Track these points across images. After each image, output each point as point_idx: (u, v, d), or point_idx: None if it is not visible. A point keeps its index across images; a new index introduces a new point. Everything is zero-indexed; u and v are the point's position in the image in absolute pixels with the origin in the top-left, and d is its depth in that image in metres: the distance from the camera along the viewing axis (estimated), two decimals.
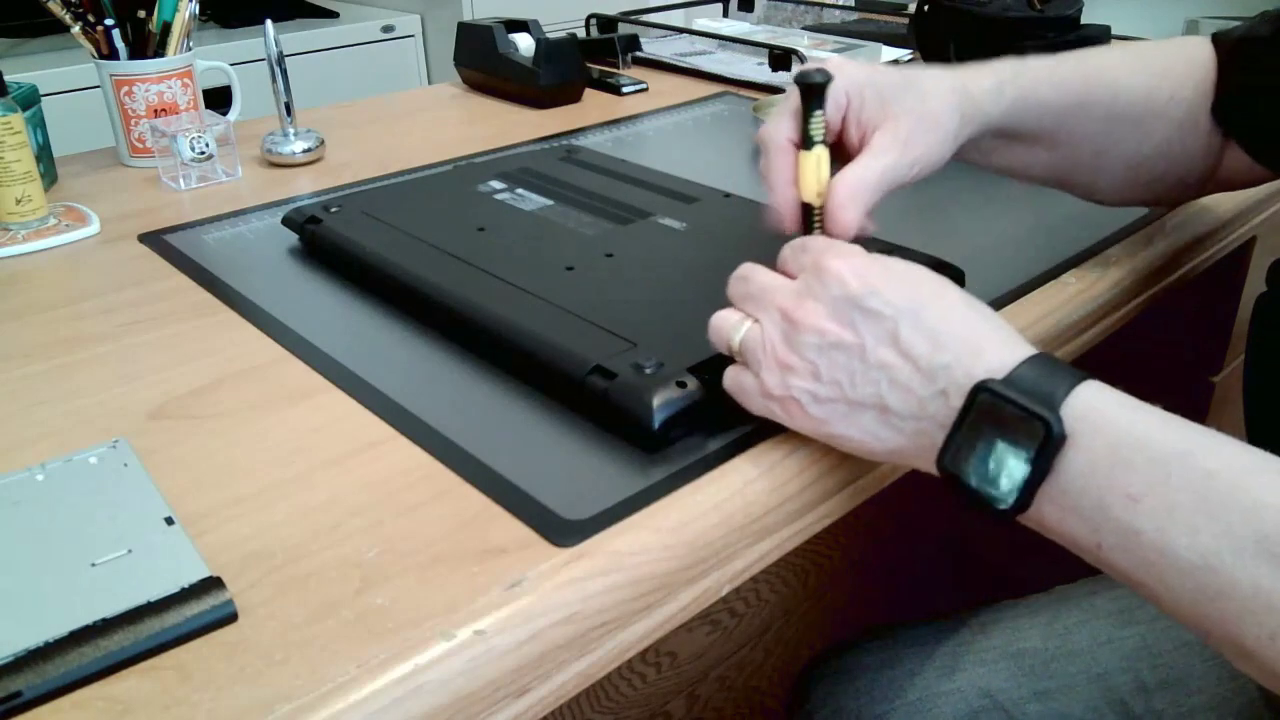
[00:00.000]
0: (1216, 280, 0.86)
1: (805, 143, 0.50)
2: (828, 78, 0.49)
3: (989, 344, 0.40)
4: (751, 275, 0.46)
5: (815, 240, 0.46)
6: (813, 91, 0.49)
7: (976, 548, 1.00)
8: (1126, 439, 0.36)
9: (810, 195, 0.50)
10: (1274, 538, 0.33)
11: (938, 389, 0.40)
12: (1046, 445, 0.37)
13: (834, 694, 0.67)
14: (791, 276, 0.45)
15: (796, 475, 0.46)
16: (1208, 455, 0.35)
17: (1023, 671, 0.63)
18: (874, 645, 0.68)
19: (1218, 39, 0.60)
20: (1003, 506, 0.38)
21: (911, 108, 0.51)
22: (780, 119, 0.51)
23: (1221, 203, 0.75)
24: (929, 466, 0.41)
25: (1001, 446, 0.38)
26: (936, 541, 0.96)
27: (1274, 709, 0.59)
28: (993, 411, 0.38)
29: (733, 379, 0.46)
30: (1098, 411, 0.37)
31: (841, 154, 0.52)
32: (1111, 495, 0.36)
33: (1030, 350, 0.40)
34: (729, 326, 0.45)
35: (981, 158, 0.59)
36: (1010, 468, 0.38)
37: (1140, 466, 0.36)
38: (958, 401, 0.39)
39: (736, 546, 0.44)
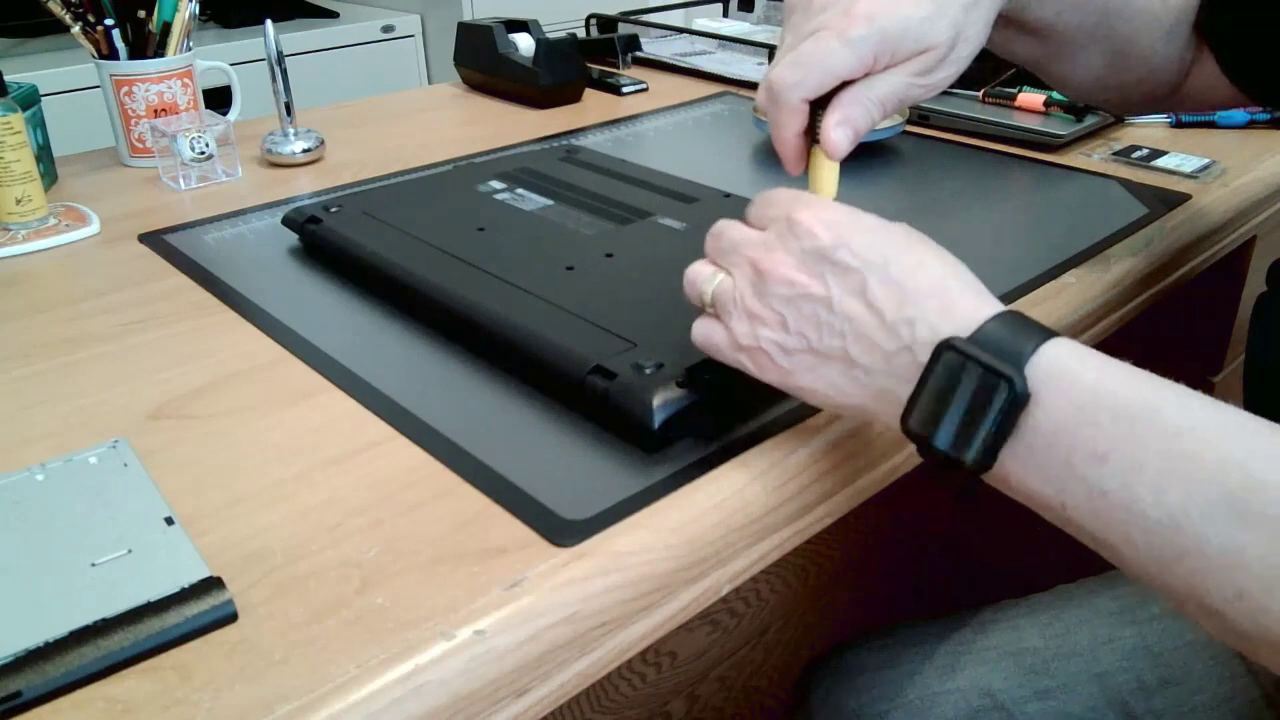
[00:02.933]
0: (1216, 280, 0.86)
1: (816, 138, 0.48)
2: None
3: (957, 300, 0.40)
4: (724, 230, 0.45)
5: (783, 192, 0.45)
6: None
7: (976, 548, 1.00)
8: (1092, 397, 0.36)
9: (826, 191, 0.49)
10: (1241, 495, 0.33)
11: (903, 344, 0.39)
12: (1011, 404, 0.36)
13: (834, 693, 0.67)
14: (762, 230, 0.45)
15: (796, 475, 0.46)
16: (1176, 412, 0.35)
17: (1023, 671, 0.63)
18: (874, 645, 0.68)
19: None
20: (967, 465, 0.38)
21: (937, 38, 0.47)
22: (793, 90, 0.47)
23: (1221, 203, 0.75)
24: (892, 423, 0.41)
25: (965, 405, 0.37)
26: (936, 541, 0.96)
27: (1275, 709, 0.59)
28: (957, 370, 0.38)
29: (703, 330, 0.45)
30: (1064, 369, 0.37)
31: None
32: (1077, 454, 0.36)
33: (999, 307, 0.39)
34: (702, 279, 0.45)
35: (1007, 46, 0.59)
36: (974, 427, 0.37)
37: (1106, 424, 0.35)
38: (923, 357, 0.39)
39: (736, 546, 0.44)
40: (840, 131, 0.47)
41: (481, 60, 1.09)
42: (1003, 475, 0.38)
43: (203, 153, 0.83)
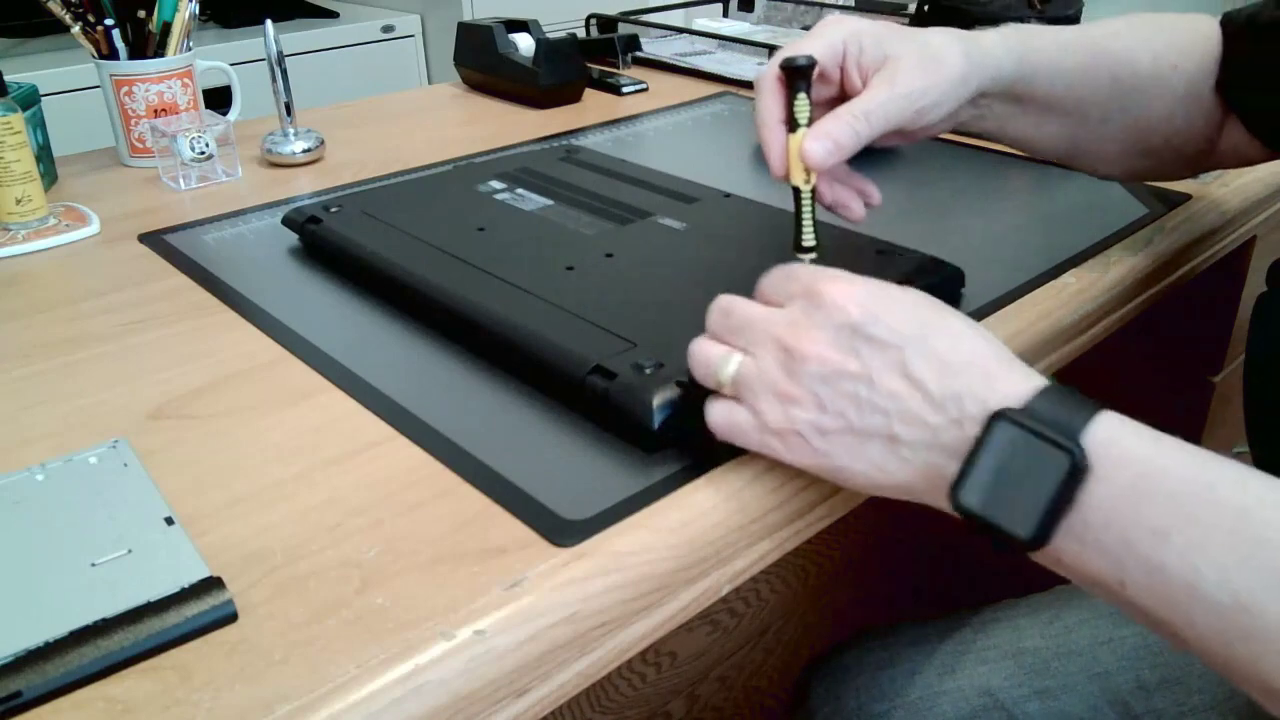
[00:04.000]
0: (1216, 280, 0.86)
1: (791, 125, 0.49)
2: (811, 61, 0.49)
3: (1000, 372, 0.39)
4: (734, 307, 0.43)
5: (803, 269, 0.44)
6: (796, 75, 0.49)
7: (977, 548, 1.00)
8: (1150, 470, 0.35)
9: (798, 178, 0.50)
10: None
11: (950, 418, 0.38)
12: (1070, 477, 0.35)
13: (835, 693, 0.67)
14: (779, 306, 0.43)
15: (797, 475, 0.46)
16: (1235, 489, 0.34)
17: (1023, 670, 0.63)
18: (874, 644, 0.68)
19: (1226, 19, 0.61)
20: (1022, 541, 0.36)
21: (911, 50, 0.51)
22: (769, 96, 0.50)
23: (1222, 203, 0.75)
24: (940, 501, 0.39)
25: (1021, 478, 0.36)
26: (936, 541, 0.96)
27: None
28: (1012, 441, 0.36)
29: (724, 415, 0.43)
30: (1118, 443, 0.36)
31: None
32: (1137, 530, 0.35)
33: (1043, 380, 0.38)
34: (717, 359, 0.43)
35: (996, 127, 0.59)
36: (1030, 500, 0.36)
37: (1165, 500, 0.35)
38: (973, 431, 0.37)
39: (736, 546, 0.44)
40: (816, 144, 0.48)
41: (481, 60, 1.09)
42: (1057, 553, 0.37)
43: (203, 153, 0.83)
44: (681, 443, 0.46)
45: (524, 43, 1.07)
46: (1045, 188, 0.79)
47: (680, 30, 1.34)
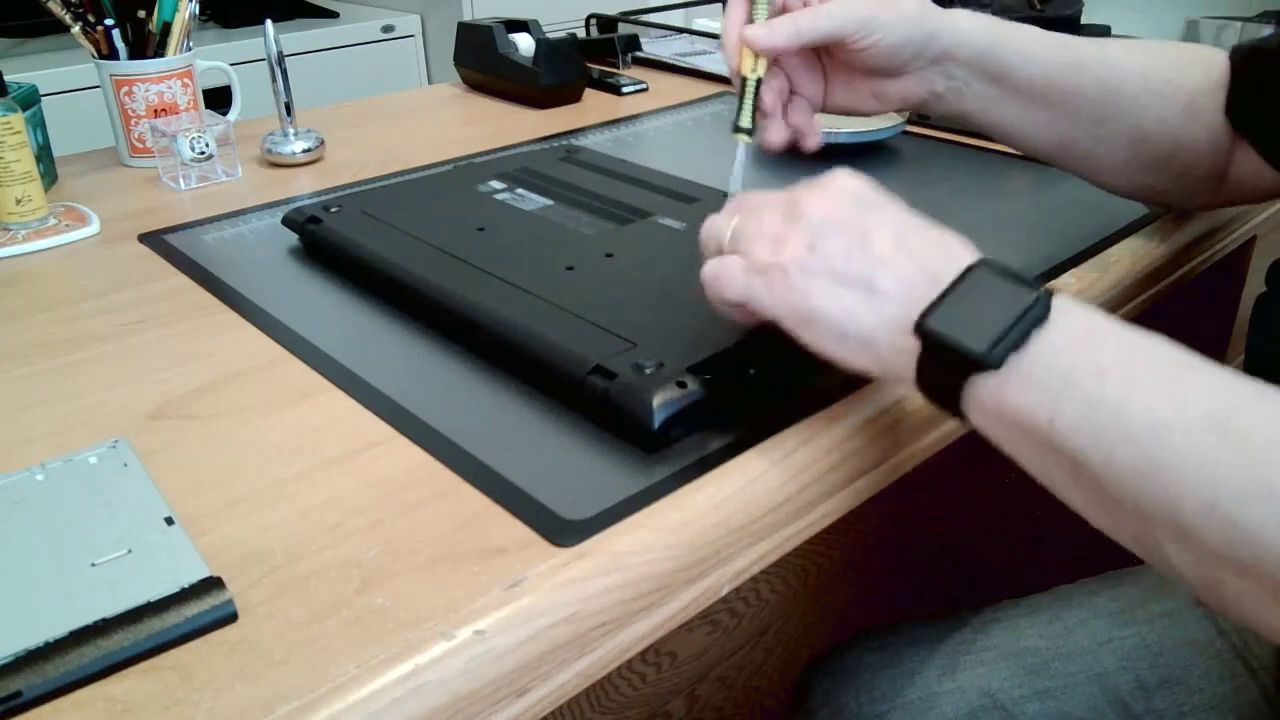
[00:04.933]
0: (1216, 280, 0.86)
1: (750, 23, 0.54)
2: None
3: (953, 244, 0.42)
4: (751, 194, 0.47)
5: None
6: None
7: (977, 548, 1.00)
8: (1103, 324, 0.39)
9: (746, 67, 0.55)
10: (1224, 414, 0.35)
11: (929, 276, 0.41)
12: (1030, 310, 0.38)
13: (834, 693, 0.67)
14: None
15: (796, 475, 0.46)
16: (1173, 349, 0.38)
17: (1023, 671, 0.63)
18: (874, 644, 0.68)
19: (1233, 50, 0.61)
20: (975, 355, 0.38)
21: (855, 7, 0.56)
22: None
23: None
24: (893, 360, 0.41)
25: (987, 308, 0.39)
26: (936, 541, 0.96)
27: (1274, 708, 0.59)
28: (983, 280, 0.40)
29: (714, 266, 0.46)
30: (1076, 304, 0.39)
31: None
32: (1080, 368, 0.37)
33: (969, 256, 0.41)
34: (721, 223, 0.46)
35: (979, 108, 0.61)
36: (990, 322, 0.38)
37: (1111, 346, 0.38)
38: (947, 280, 0.40)
39: (736, 546, 0.44)
40: (758, 29, 0.55)
41: (481, 60, 1.09)
42: (999, 385, 0.39)
43: (203, 153, 0.83)
44: (686, 440, 0.46)
45: (524, 43, 1.07)
46: (1045, 188, 0.79)
47: (680, 30, 1.34)
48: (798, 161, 0.86)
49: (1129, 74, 0.60)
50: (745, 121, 0.58)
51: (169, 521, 0.42)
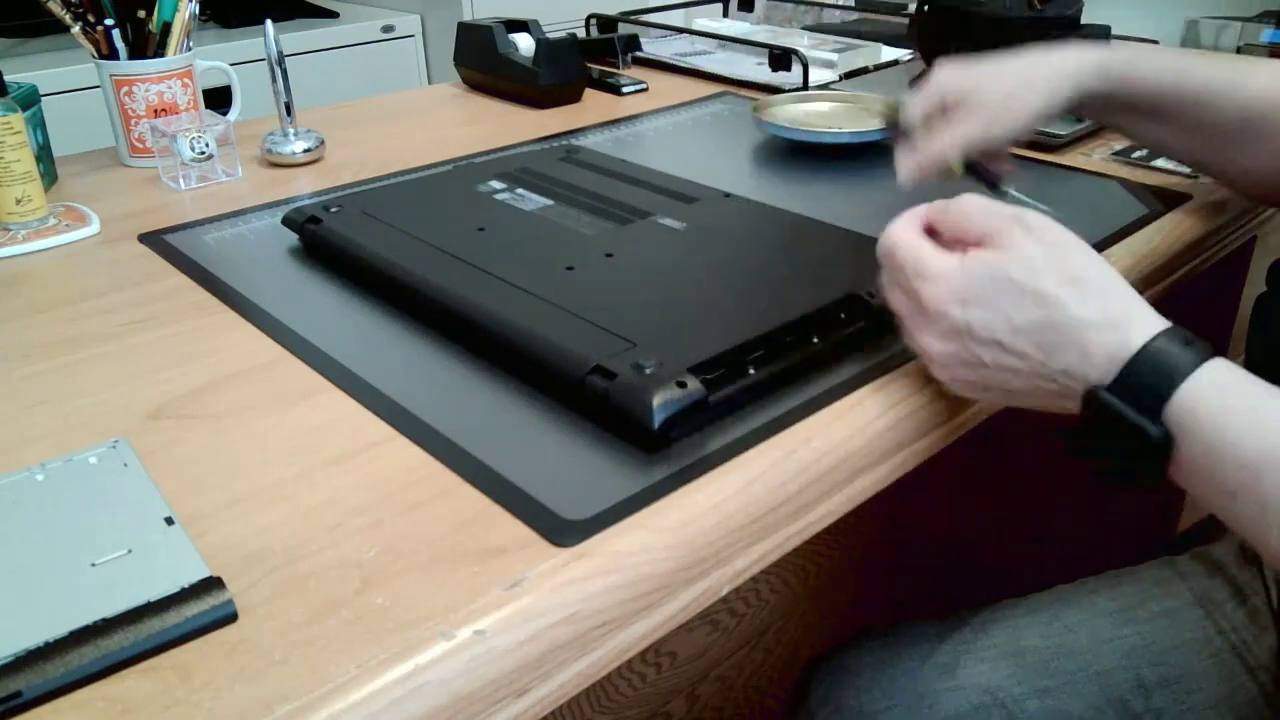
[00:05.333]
0: (1216, 280, 0.86)
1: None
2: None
3: (1094, 340, 0.44)
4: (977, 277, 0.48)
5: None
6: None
7: (976, 548, 1.00)
8: (1218, 443, 0.41)
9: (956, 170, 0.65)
10: None
11: (1059, 386, 0.45)
12: (1149, 447, 0.42)
13: (835, 691, 0.67)
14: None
15: (796, 475, 0.46)
16: None
17: (1023, 669, 0.63)
18: (875, 643, 0.68)
19: None
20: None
21: (992, 97, 0.64)
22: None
23: (1222, 203, 0.75)
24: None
25: (1114, 442, 0.43)
26: (936, 541, 0.96)
27: (1274, 707, 0.59)
28: (1103, 415, 0.44)
29: (939, 353, 0.49)
30: (1194, 413, 0.42)
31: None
32: (1210, 491, 0.42)
33: (1142, 336, 0.43)
34: (953, 294, 0.48)
35: (1126, 128, 0.70)
36: (1124, 460, 0.44)
37: (1232, 470, 0.41)
38: (1074, 406, 0.45)
39: (736, 546, 0.44)
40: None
41: (481, 60, 1.09)
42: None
43: (203, 153, 0.83)
44: (686, 439, 0.46)
45: (524, 43, 1.07)
46: (1045, 187, 0.79)
47: (680, 30, 1.34)
48: (798, 161, 0.86)
49: (1268, 98, 0.62)
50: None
51: (169, 521, 0.42)
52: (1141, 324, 0.44)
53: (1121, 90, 0.66)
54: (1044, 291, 0.44)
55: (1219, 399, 0.41)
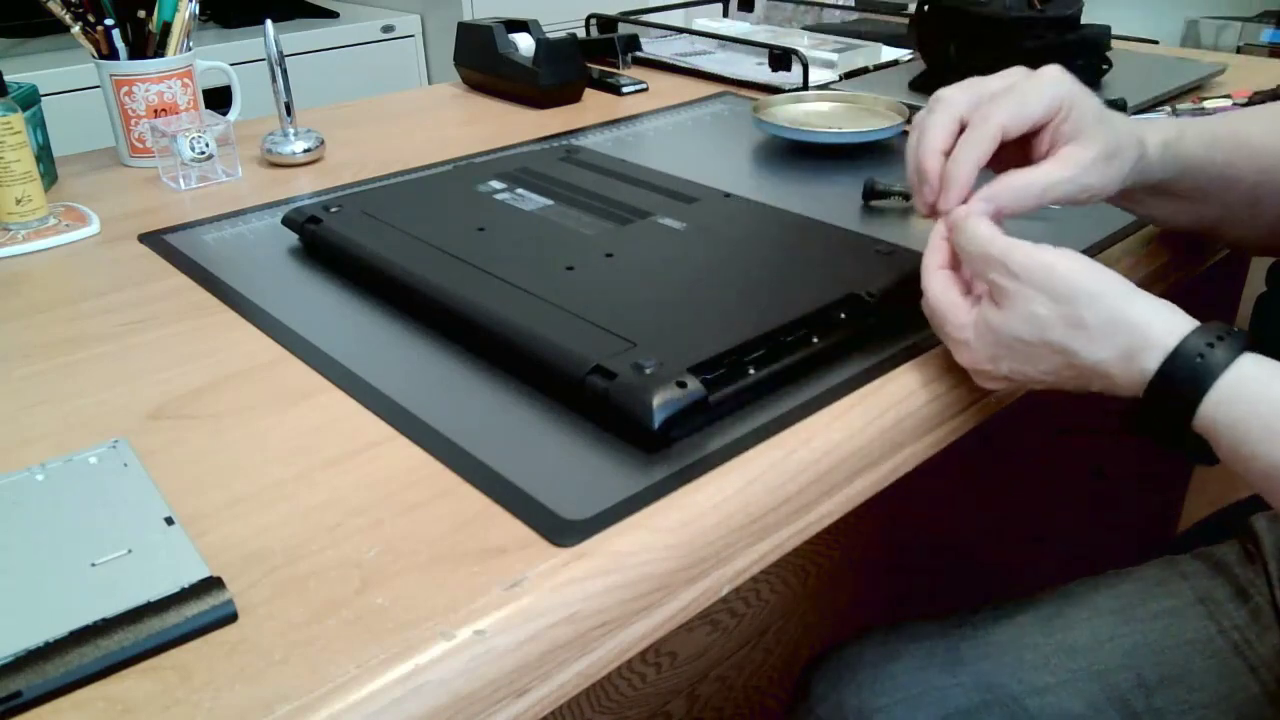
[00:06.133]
0: (1216, 280, 0.86)
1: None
2: None
3: (1116, 376, 0.47)
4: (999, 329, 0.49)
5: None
6: None
7: (976, 548, 1.00)
8: (1242, 453, 0.44)
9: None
10: None
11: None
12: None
13: (835, 688, 0.67)
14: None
15: (796, 475, 0.46)
16: None
17: (1024, 668, 0.63)
18: (875, 641, 0.68)
19: None
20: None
21: (1105, 139, 0.53)
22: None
23: None
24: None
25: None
26: (936, 541, 0.96)
27: (1276, 706, 0.59)
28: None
29: (980, 366, 0.51)
30: (1214, 431, 0.45)
31: (1021, 153, 0.54)
32: (1253, 482, 0.45)
33: (1154, 363, 0.45)
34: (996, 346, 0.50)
35: (1131, 207, 0.63)
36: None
37: (1259, 479, 0.44)
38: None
39: (736, 546, 0.44)
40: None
41: (481, 60, 1.09)
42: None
43: (203, 153, 0.83)
44: (686, 440, 0.46)
45: (524, 43, 1.07)
46: None
47: (680, 30, 1.34)
48: (798, 161, 0.86)
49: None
50: None
51: (169, 521, 0.42)
52: (1154, 351, 0.46)
53: (1183, 168, 0.58)
54: (1054, 342, 0.47)
55: (1235, 411, 0.44)
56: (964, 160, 0.51)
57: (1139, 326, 0.46)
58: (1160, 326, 0.46)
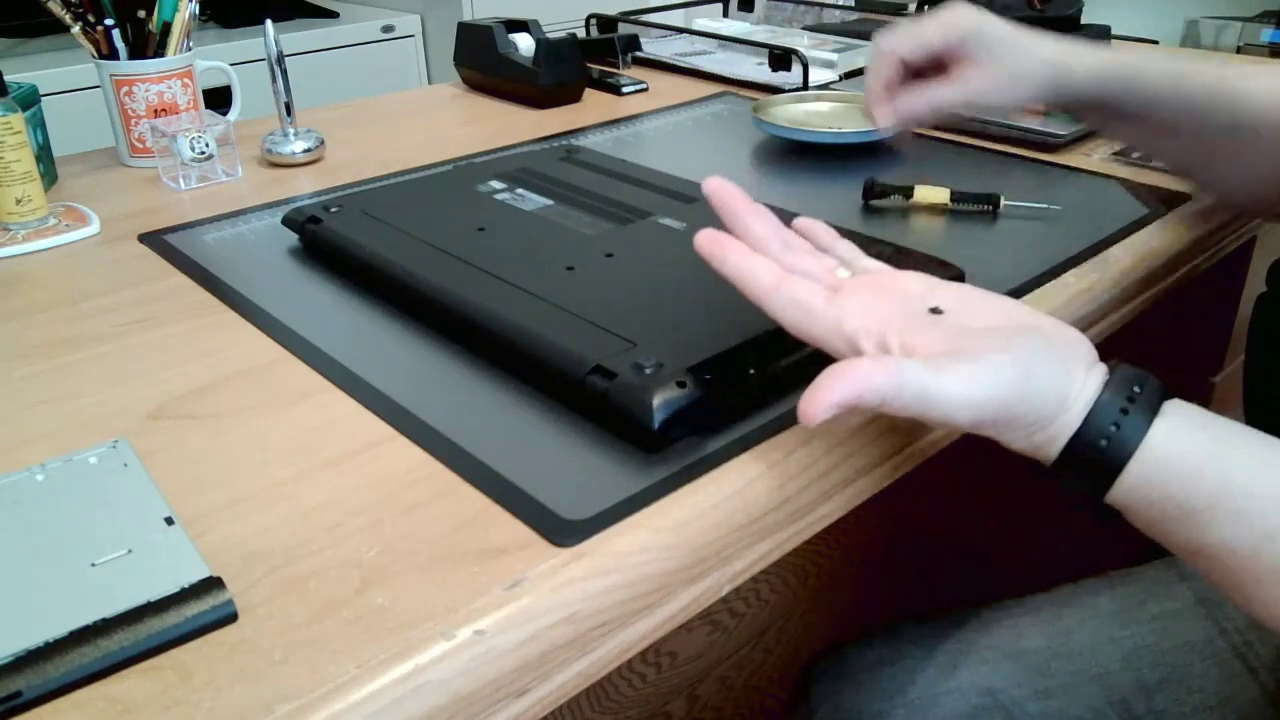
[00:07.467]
0: (1216, 280, 0.86)
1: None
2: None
3: (1042, 446, 0.42)
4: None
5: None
6: None
7: (977, 548, 1.00)
8: (1155, 531, 0.42)
9: None
10: None
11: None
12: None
13: (835, 691, 0.67)
14: None
15: (796, 475, 0.46)
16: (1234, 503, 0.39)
17: (1023, 670, 0.63)
18: (875, 643, 0.68)
19: None
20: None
21: (1005, 61, 0.65)
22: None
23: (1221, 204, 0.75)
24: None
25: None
26: (936, 541, 0.96)
27: (1275, 707, 0.59)
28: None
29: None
30: (1130, 512, 0.42)
31: (940, 75, 0.68)
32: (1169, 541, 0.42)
33: (1082, 410, 0.41)
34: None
35: (1107, 132, 0.71)
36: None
37: (1179, 553, 0.42)
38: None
39: (736, 546, 0.44)
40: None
41: (481, 60, 1.09)
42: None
43: (203, 153, 0.83)
44: (686, 440, 0.46)
45: (524, 43, 1.07)
46: (1045, 187, 0.79)
47: (680, 30, 1.34)
48: (798, 161, 0.86)
49: (1259, 107, 0.60)
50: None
51: (169, 521, 0.42)
52: (1058, 442, 0.42)
53: (1121, 95, 0.65)
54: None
55: (1145, 499, 0.41)
56: (870, 85, 0.70)
57: (1053, 412, 0.42)
58: (1073, 404, 0.42)
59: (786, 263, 0.46)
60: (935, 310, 0.44)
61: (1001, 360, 0.40)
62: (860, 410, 0.42)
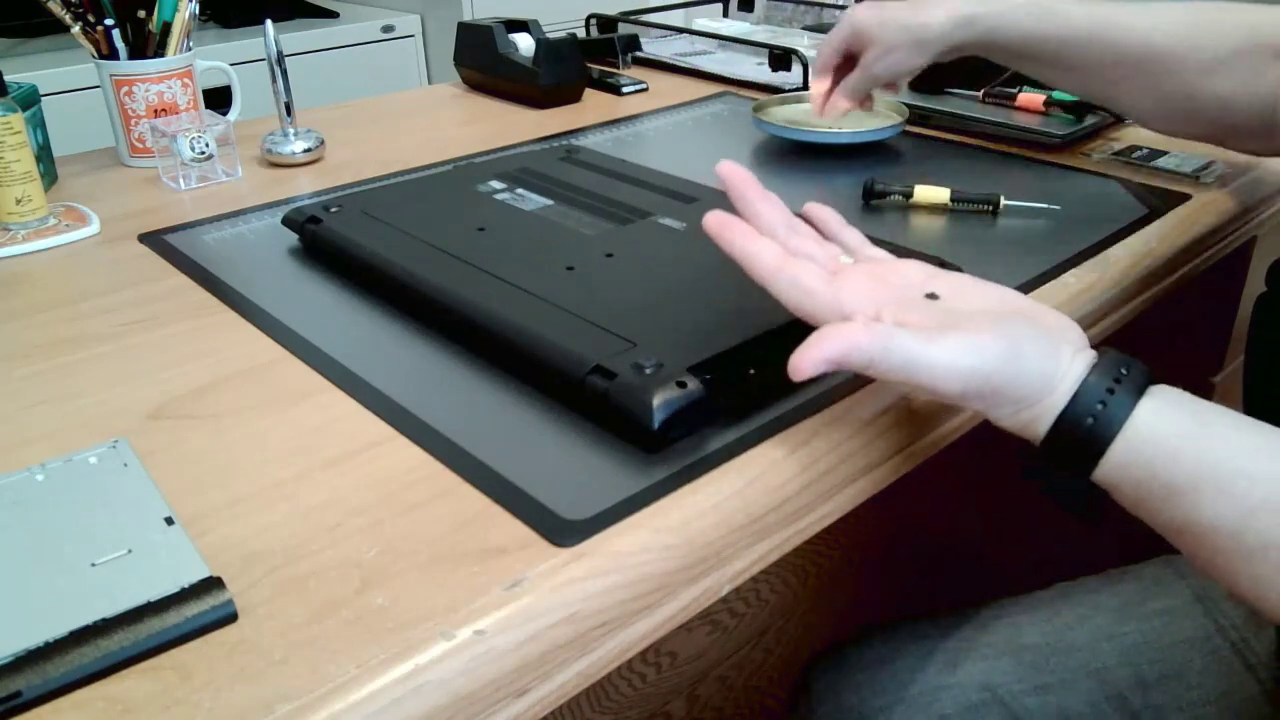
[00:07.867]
0: (1216, 280, 0.86)
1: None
2: None
3: (1030, 424, 0.43)
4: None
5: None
6: None
7: (977, 548, 1.00)
8: (1141, 511, 0.42)
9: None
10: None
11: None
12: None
13: (835, 688, 0.67)
14: None
15: (796, 475, 0.46)
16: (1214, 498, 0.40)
17: (1023, 666, 0.63)
18: (875, 640, 0.68)
19: None
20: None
21: (892, 40, 0.74)
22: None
23: (1221, 203, 0.75)
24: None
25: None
26: (936, 541, 0.96)
27: (1274, 704, 0.59)
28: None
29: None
30: (1117, 493, 0.42)
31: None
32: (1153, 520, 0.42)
33: (1061, 402, 0.41)
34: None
35: (1009, 65, 0.75)
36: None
37: (1165, 513, 0.42)
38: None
39: (736, 546, 0.44)
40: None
41: (481, 60, 1.09)
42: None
43: (203, 153, 0.83)
44: (686, 440, 0.46)
45: (524, 43, 1.07)
46: (1045, 187, 0.79)
47: (680, 30, 1.34)
48: (798, 161, 0.86)
49: (1171, 41, 0.65)
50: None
51: (169, 521, 0.42)
52: (1045, 420, 0.42)
53: (989, 41, 0.72)
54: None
55: (1131, 478, 0.41)
56: (813, 89, 0.82)
57: (1039, 394, 0.43)
58: (1059, 386, 0.43)
59: (791, 247, 0.47)
60: (931, 296, 0.45)
61: (991, 334, 0.41)
62: (847, 369, 0.42)
